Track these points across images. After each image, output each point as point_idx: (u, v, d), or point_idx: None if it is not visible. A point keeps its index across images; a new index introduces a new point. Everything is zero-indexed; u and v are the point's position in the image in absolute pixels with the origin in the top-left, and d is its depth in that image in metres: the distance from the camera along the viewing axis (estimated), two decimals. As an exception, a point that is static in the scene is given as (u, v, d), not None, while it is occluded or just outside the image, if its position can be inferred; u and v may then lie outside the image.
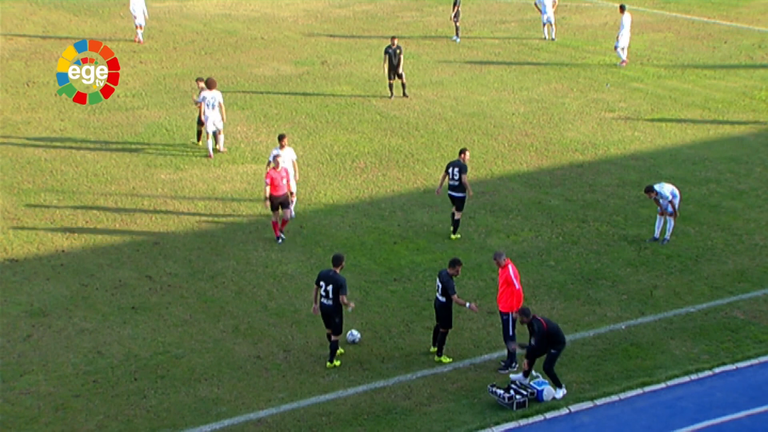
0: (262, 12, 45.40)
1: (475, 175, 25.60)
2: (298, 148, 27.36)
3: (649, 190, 21.48)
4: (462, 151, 21.98)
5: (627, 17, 34.64)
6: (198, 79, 27.62)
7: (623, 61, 35.19)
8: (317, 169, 26.11)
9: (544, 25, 39.33)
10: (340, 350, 17.17)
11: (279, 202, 21.66)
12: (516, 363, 16.72)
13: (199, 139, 27.61)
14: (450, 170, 21.67)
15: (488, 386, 16.09)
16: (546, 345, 15.85)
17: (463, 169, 21.47)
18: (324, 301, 16.72)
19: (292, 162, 22.80)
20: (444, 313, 17.00)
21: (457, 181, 21.50)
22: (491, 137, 28.47)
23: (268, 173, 21.69)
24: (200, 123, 27.04)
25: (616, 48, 35.47)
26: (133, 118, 30.28)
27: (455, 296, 16.78)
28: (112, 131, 29.11)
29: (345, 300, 16.59)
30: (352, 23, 43.02)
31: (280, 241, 21.82)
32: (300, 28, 42.23)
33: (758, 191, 24.52)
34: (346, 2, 47.11)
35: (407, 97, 31.71)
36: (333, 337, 16.93)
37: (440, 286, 16.96)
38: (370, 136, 28.62)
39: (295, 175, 22.67)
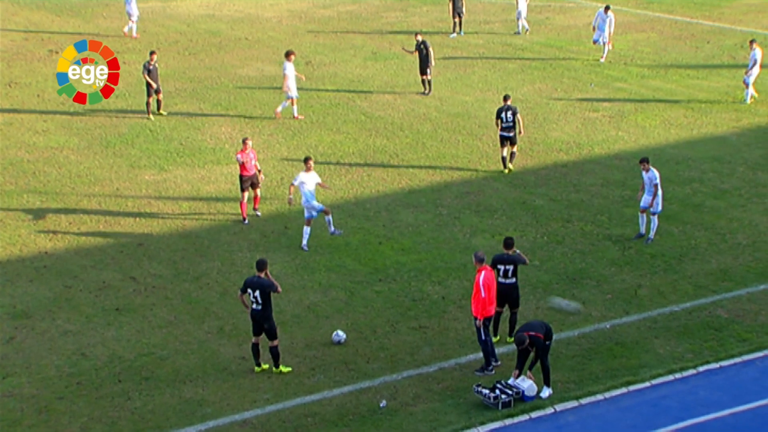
0: (245, 12, 45.32)
1: (459, 175, 25.67)
2: (282, 149, 27.39)
3: (645, 161, 21.41)
4: (507, 97, 25.50)
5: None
6: (151, 52, 30.20)
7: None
8: (302, 169, 26.00)
9: (518, 19, 40.28)
10: (264, 366, 16.86)
11: (249, 183, 22.81)
12: (492, 367, 16.71)
13: (149, 113, 29.83)
14: (503, 114, 25.06)
15: (474, 386, 16.10)
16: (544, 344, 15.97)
17: (516, 111, 25.18)
18: (254, 306, 16.60)
19: (317, 185, 21.98)
20: (516, 294, 17.45)
21: (511, 122, 25.00)
22: (476, 137, 28.51)
23: (238, 154, 22.86)
24: (149, 95, 29.69)
25: (605, 44, 35.80)
26: (116, 118, 30.16)
27: (527, 260, 17.75)
28: (95, 132, 29.00)
29: (279, 290, 16.71)
30: (336, 23, 43.01)
31: (246, 222, 22.66)
32: (284, 28, 42.18)
33: (741, 190, 24.63)
34: (330, 3, 47.10)
35: (429, 95, 31.93)
36: (271, 343, 16.70)
37: (510, 268, 17.20)
38: (355, 136, 28.61)
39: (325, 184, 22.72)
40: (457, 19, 40.17)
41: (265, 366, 16.91)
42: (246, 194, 22.90)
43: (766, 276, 20.14)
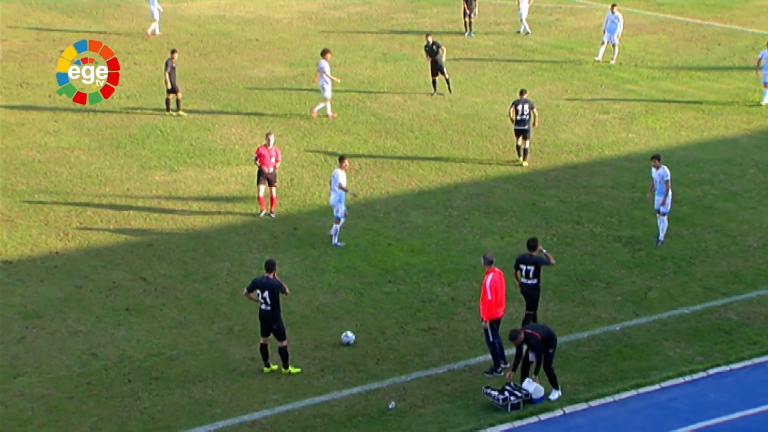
0: (256, 13, 45.39)
1: (469, 177, 25.67)
2: (292, 150, 27.42)
3: (657, 158, 21.38)
4: (523, 92, 26.22)
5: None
6: (173, 51, 30.65)
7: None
8: (312, 170, 26.11)
9: (521, 20, 40.77)
10: (273, 366, 16.95)
11: (266, 177, 22.99)
12: (501, 369, 16.69)
13: (168, 109, 30.32)
14: (519, 107, 25.72)
15: (483, 388, 16.09)
16: (545, 350, 15.88)
17: (532, 105, 25.87)
18: (263, 307, 16.63)
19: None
20: (535, 295, 17.57)
21: (526, 116, 25.65)
22: (486, 139, 28.50)
23: (258, 149, 23.17)
24: (169, 92, 30.06)
25: (614, 45, 35.73)
26: (127, 119, 30.26)
27: (553, 260, 17.90)
28: (106, 132, 29.09)
29: (287, 291, 16.64)
30: (347, 24, 43.04)
31: (262, 214, 23.12)
32: (294, 29, 42.23)
33: (752, 193, 24.56)
34: (340, 4, 47.13)
35: (450, 92, 32.21)
36: (281, 343, 16.73)
37: (531, 269, 17.35)
38: (365, 137, 28.62)
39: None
40: (467, 19, 40.37)
41: (274, 367, 16.94)
42: (263, 188, 23.08)
43: (777, 279, 20.10)
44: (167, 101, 30.37)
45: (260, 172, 23.02)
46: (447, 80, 32.24)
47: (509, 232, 22.39)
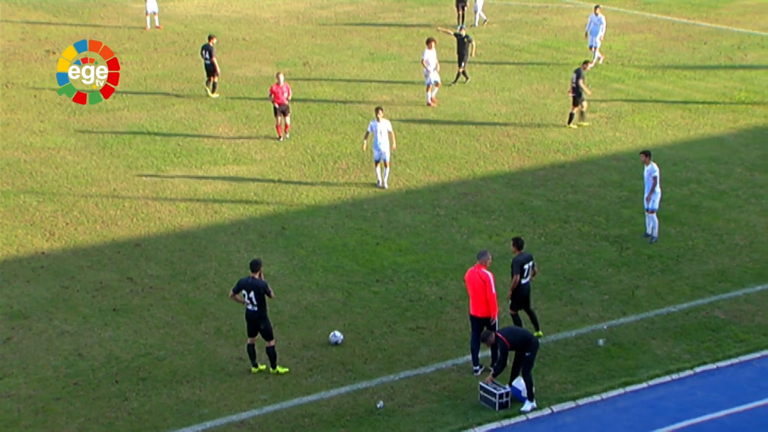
0: (243, 13, 45.31)
1: (457, 176, 25.68)
2: (279, 149, 27.39)
3: (646, 154, 21.48)
4: (586, 62, 29.73)
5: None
6: (210, 36, 32.45)
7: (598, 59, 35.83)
8: (299, 170, 26.08)
9: (475, 12, 41.99)
10: (261, 366, 16.94)
11: (281, 110, 27.57)
12: (480, 364, 16.67)
13: (213, 90, 32.21)
14: (573, 75, 28.80)
15: (480, 383, 15.95)
16: (517, 355, 15.77)
17: (580, 74, 28.63)
18: (249, 307, 16.59)
19: (389, 132, 24.53)
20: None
21: (574, 83, 28.71)
22: (473, 138, 28.53)
23: (270, 88, 27.51)
24: (210, 74, 31.94)
25: (595, 49, 35.75)
26: (113, 119, 30.15)
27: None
28: (92, 132, 28.98)
29: (273, 295, 16.69)
30: (334, 24, 43.02)
31: (281, 139, 27.70)
32: (281, 29, 42.19)
33: (738, 191, 24.65)
34: (327, 3, 47.10)
35: (466, 80, 33.49)
36: (268, 343, 16.69)
37: (532, 266, 17.41)
38: (352, 137, 28.59)
39: (392, 145, 24.66)
40: (460, 12, 40.81)
41: (262, 367, 16.91)
42: (279, 118, 27.62)
43: (764, 277, 20.16)
44: (214, 84, 32.12)
45: (275, 107, 27.41)
46: (464, 73, 33.20)
47: (497, 231, 22.41)
